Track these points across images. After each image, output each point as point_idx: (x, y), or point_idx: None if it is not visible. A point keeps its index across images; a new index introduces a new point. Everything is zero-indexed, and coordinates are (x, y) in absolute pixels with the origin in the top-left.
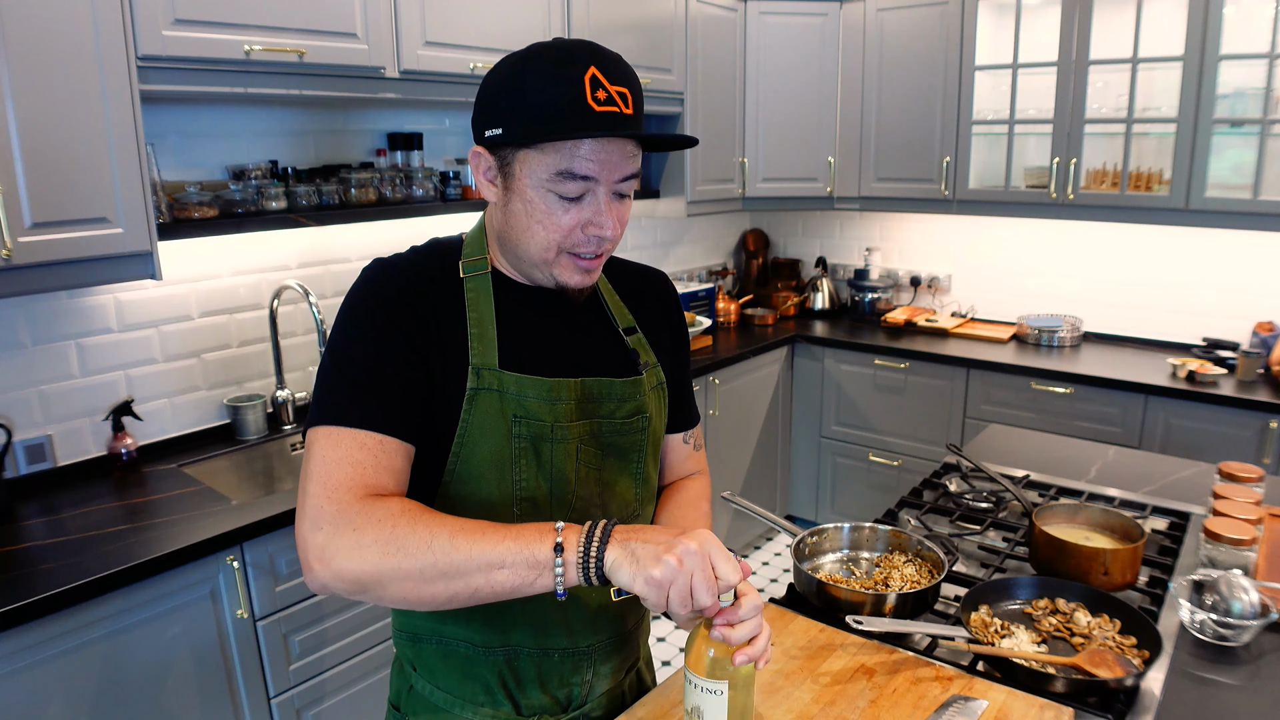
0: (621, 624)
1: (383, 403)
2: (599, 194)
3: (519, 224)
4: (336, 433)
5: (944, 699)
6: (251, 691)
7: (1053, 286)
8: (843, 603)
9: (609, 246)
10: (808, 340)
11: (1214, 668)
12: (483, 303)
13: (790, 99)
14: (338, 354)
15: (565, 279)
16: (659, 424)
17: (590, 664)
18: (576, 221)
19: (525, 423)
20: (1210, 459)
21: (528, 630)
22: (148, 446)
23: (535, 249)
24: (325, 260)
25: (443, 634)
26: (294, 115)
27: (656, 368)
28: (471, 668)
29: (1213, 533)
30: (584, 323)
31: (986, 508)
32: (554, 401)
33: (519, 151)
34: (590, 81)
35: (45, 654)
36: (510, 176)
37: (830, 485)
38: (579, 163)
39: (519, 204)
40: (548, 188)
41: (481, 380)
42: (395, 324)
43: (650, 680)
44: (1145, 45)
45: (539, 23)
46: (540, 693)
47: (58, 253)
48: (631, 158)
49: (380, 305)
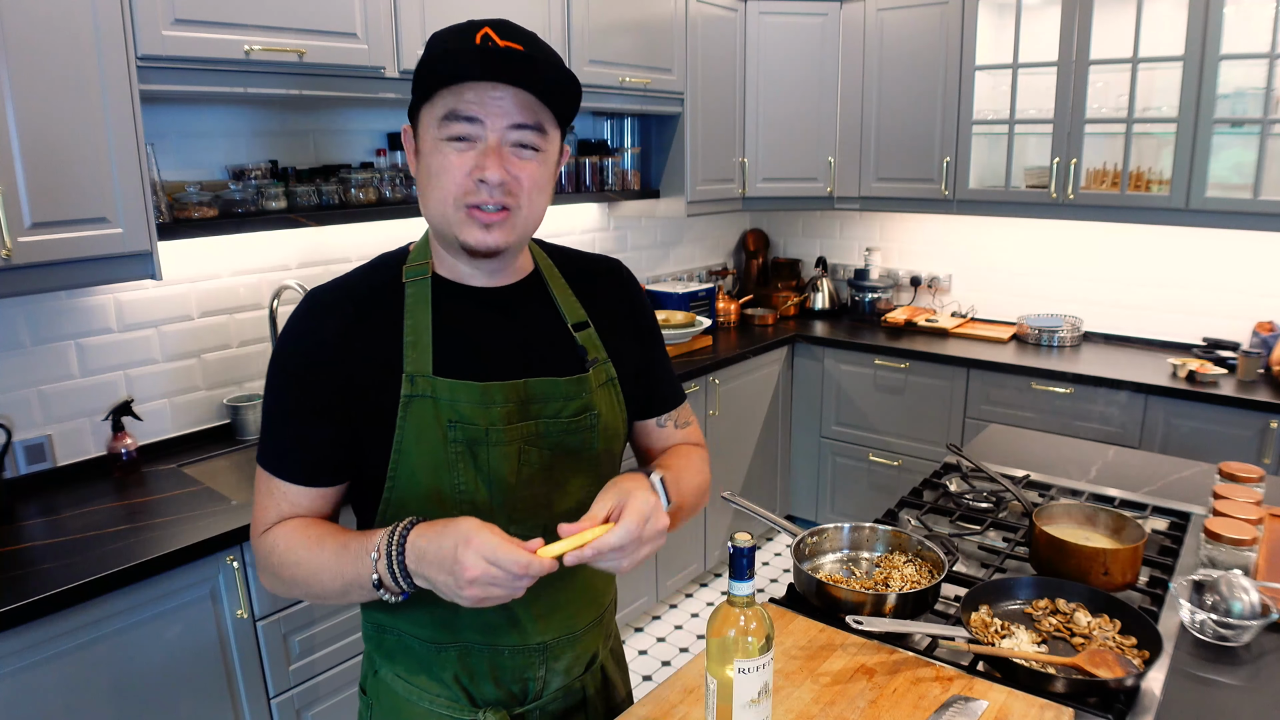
0: (574, 621)
1: (290, 456)
2: (488, 139)
3: (424, 185)
4: (261, 474)
5: (944, 699)
6: (251, 691)
7: (1053, 286)
8: (843, 603)
9: (511, 201)
10: (808, 340)
11: (1214, 668)
12: (419, 310)
13: (790, 99)
14: (265, 399)
15: (465, 236)
16: (611, 419)
17: (542, 660)
18: (466, 167)
19: (460, 427)
20: (1210, 459)
21: (477, 628)
22: (148, 446)
23: (437, 207)
24: (325, 260)
25: (399, 628)
26: (294, 115)
27: (607, 363)
28: (427, 661)
29: (1213, 533)
30: (529, 321)
31: (986, 508)
32: (488, 405)
33: (420, 112)
34: (481, 37)
35: (45, 654)
36: (419, 140)
37: (830, 485)
38: (463, 105)
39: (424, 166)
40: (439, 137)
41: (415, 387)
42: (312, 372)
43: (618, 677)
44: (1145, 45)
45: (539, 22)
46: (494, 687)
47: (57, 253)
48: (525, 106)
49: (297, 358)
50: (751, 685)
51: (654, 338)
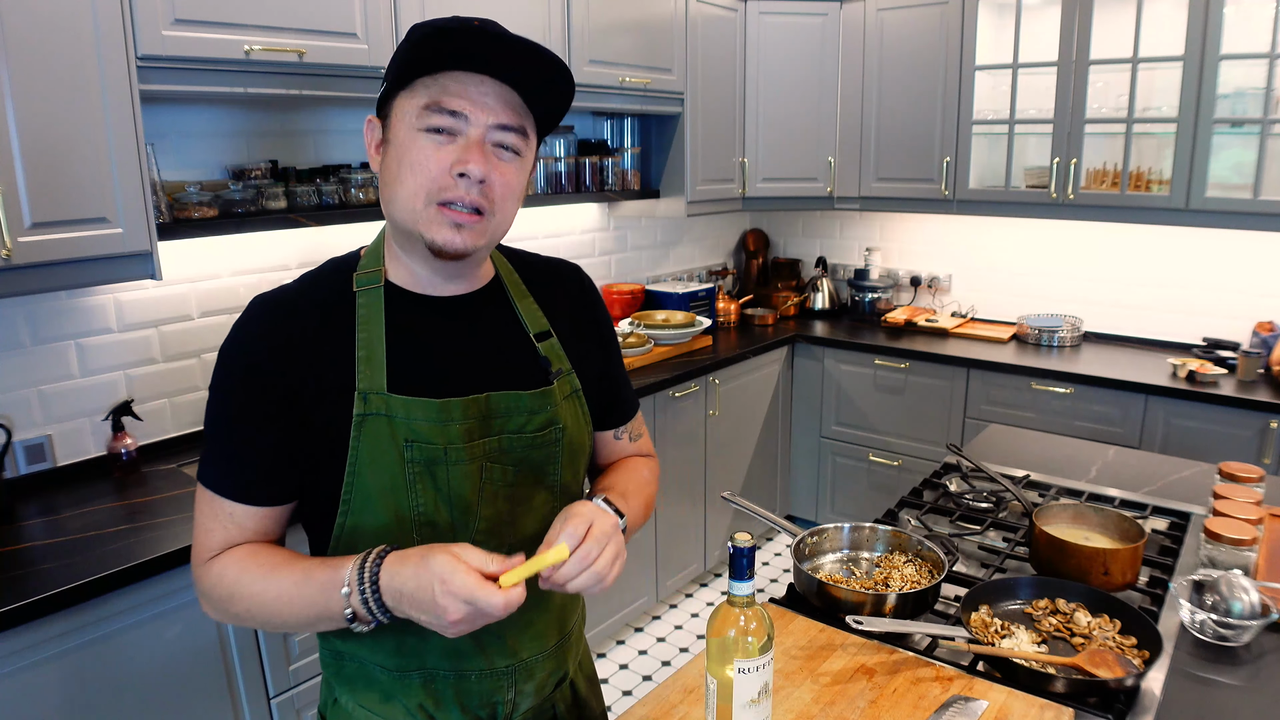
0: (542, 642)
1: (235, 474)
2: (470, 135)
3: (391, 176)
4: (203, 494)
5: (944, 699)
6: (251, 691)
7: (1053, 286)
8: (843, 603)
9: (484, 204)
10: (808, 340)
11: (1214, 668)
12: (373, 321)
13: (790, 99)
14: (208, 411)
15: (434, 235)
16: (576, 432)
17: (511, 683)
18: (445, 161)
19: (417, 446)
20: (1210, 459)
21: (441, 654)
22: (148, 446)
23: (405, 200)
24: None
25: (359, 656)
26: (294, 115)
27: (570, 374)
28: (389, 688)
29: (1213, 533)
30: (490, 331)
31: (986, 508)
32: (445, 423)
33: (394, 101)
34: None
35: (45, 654)
36: (388, 131)
37: (830, 485)
38: (448, 98)
39: (393, 154)
40: (417, 127)
41: (369, 405)
42: (261, 378)
43: (590, 694)
44: (1145, 45)
45: (539, 22)
46: (460, 713)
47: (57, 253)
48: (511, 106)
49: (245, 359)
50: (751, 685)
51: (614, 345)
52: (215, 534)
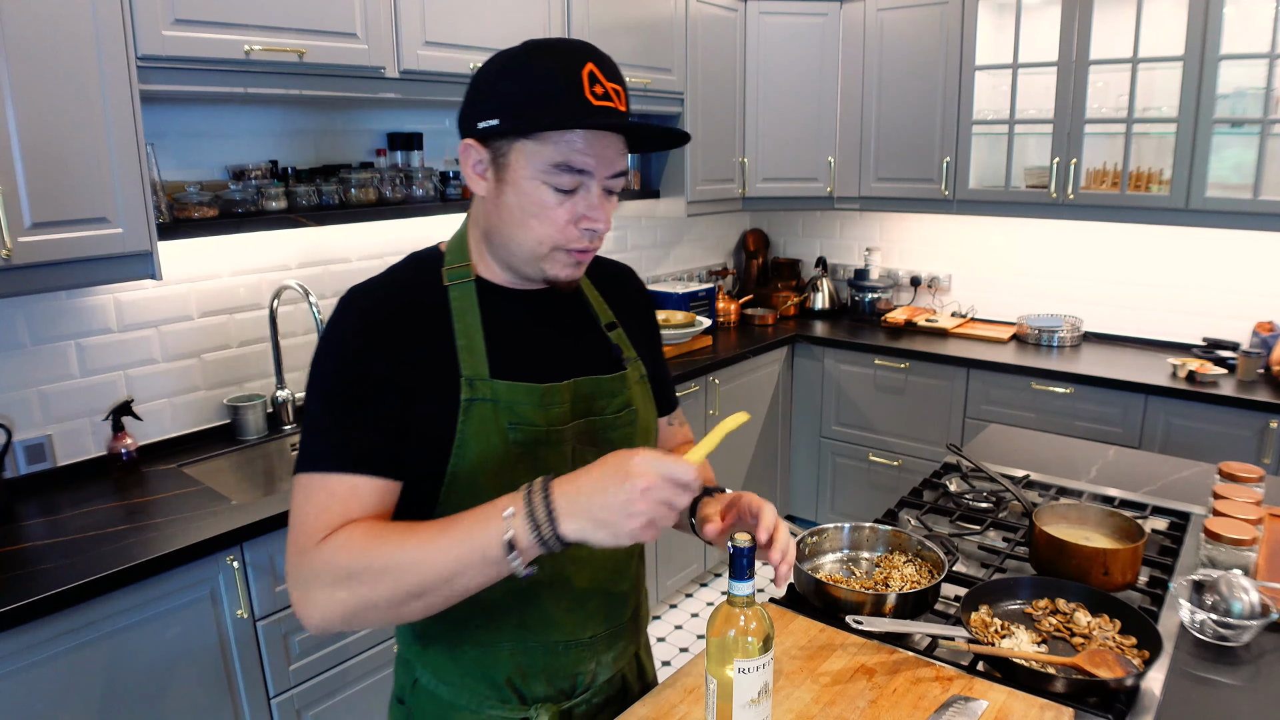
0: (621, 614)
1: (353, 445)
2: (592, 188)
3: (511, 217)
4: (309, 480)
5: (944, 699)
6: (251, 691)
7: (1053, 286)
8: (843, 603)
9: (598, 242)
10: (808, 340)
11: (1214, 668)
12: (469, 312)
13: (790, 99)
14: (312, 397)
15: (555, 273)
16: (646, 415)
17: (593, 654)
18: (570, 215)
19: (520, 429)
20: (1210, 459)
21: (530, 627)
22: (148, 446)
23: (528, 243)
24: (325, 260)
25: (447, 636)
26: (294, 115)
27: (638, 361)
28: (477, 665)
29: (1213, 533)
30: (569, 322)
31: (986, 508)
32: (547, 406)
33: (515, 143)
34: (588, 76)
35: (45, 654)
36: (504, 169)
37: (830, 485)
38: (576, 156)
39: (512, 196)
40: (543, 179)
41: (475, 390)
42: (367, 361)
43: (650, 665)
44: (1145, 45)
45: (539, 23)
46: (545, 685)
47: (58, 253)
48: (622, 155)
49: (351, 343)
50: (751, 685)
51: (659, 341)
52: (326, 515)
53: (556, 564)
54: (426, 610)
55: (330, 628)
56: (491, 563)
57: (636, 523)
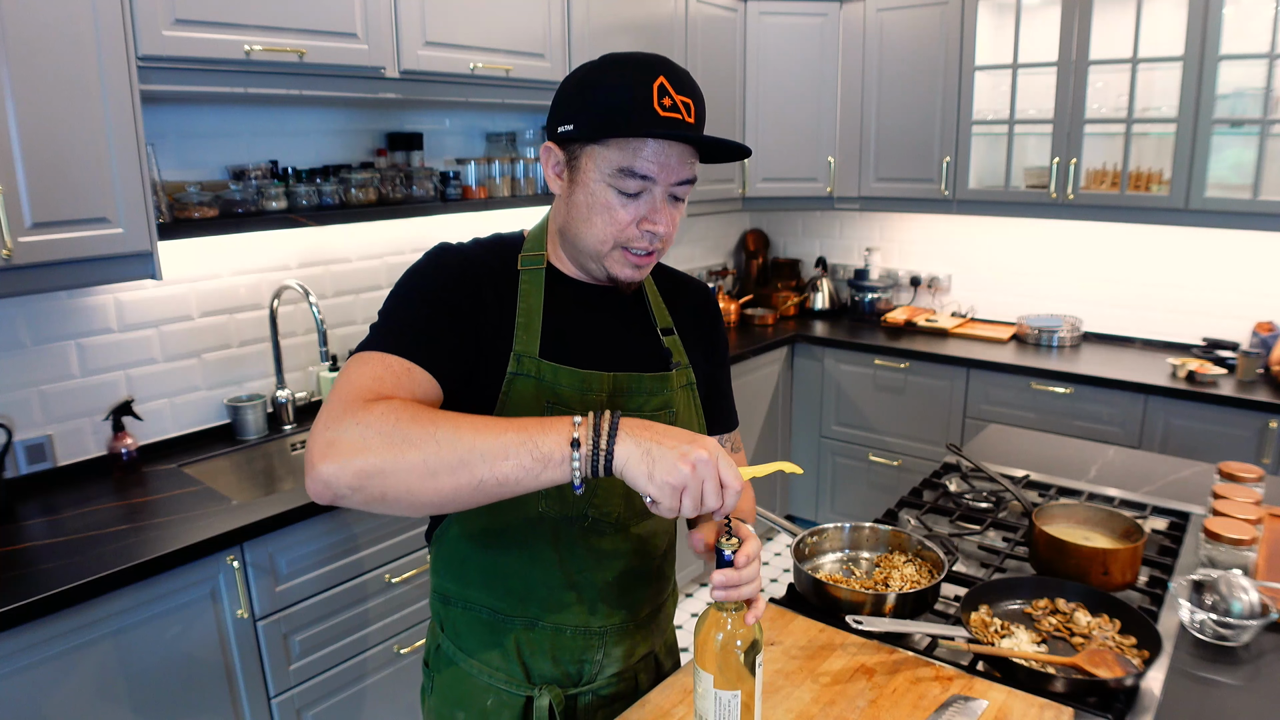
0: (637, 610)
1: (421, 341)
2: (655, 194)
3: (580, 215)
4: (368, 356)
5: (944, 699)
6: (251, 691)
7: (1053, 286)
8: (843, 603)
9: (660, 245)
10: (808, 340)
11: (1214, 668)
12: (534, 295)
13: (790, 99)
14: (389, 306)
15: (617, 272)
16: (688, 419)
17: (602, 645)
18: (633, 217)
19: (557, 409)
20: (1210, 459)
21: (545, 605)
22: (148, 446)
23: (593, 240)
24: (325, 260)
25: (468, 598)
26: (294, 115)
27: (688, 368)
28: (490, 632)
29: (1213, 533)
30: (627, 320)
31: (986, 508)
32: (585, 392)
33: (586, 147)
34: (658, 89)
35: (45, 654)
36: (576, 170)
37: (830, 485)
38: (640, 162)
39: (582, 196)
40: (609, 183)
41: (521, 366)
42: (452, 293)
43: (670, 669)
44: (1145, 45)
45: (539, 23)
46: (551, 665)
47: (58, 253)
48: (689, 164)
49: (442, 274)
50: (733, 707)
51: (725, 363)
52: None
53: (579, 556)
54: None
55: (339, 481)
56: (538, 460)
57: (675, 478)
